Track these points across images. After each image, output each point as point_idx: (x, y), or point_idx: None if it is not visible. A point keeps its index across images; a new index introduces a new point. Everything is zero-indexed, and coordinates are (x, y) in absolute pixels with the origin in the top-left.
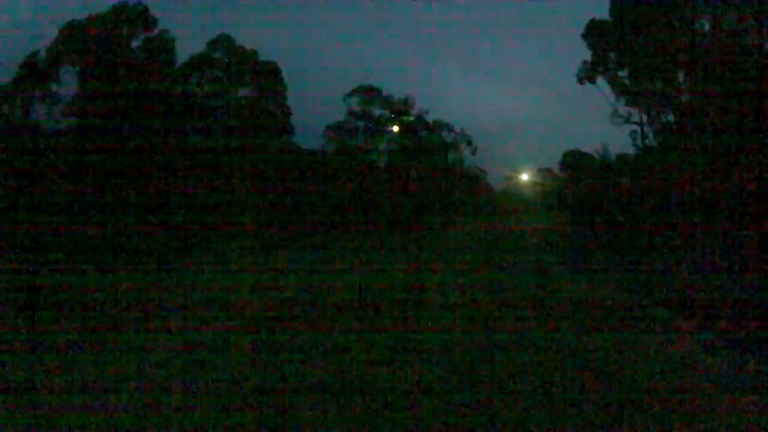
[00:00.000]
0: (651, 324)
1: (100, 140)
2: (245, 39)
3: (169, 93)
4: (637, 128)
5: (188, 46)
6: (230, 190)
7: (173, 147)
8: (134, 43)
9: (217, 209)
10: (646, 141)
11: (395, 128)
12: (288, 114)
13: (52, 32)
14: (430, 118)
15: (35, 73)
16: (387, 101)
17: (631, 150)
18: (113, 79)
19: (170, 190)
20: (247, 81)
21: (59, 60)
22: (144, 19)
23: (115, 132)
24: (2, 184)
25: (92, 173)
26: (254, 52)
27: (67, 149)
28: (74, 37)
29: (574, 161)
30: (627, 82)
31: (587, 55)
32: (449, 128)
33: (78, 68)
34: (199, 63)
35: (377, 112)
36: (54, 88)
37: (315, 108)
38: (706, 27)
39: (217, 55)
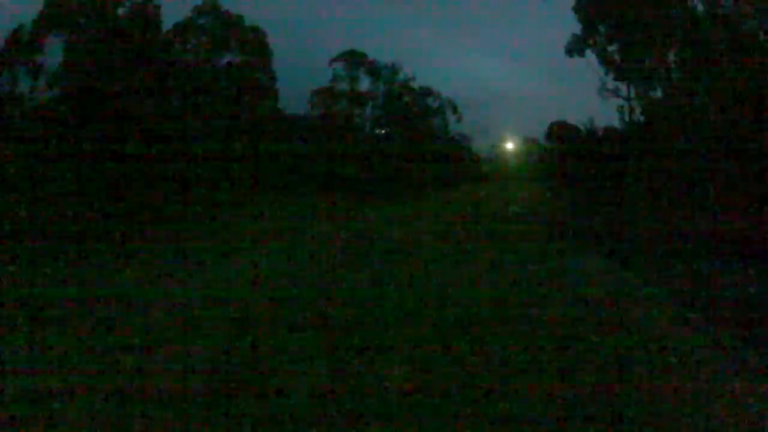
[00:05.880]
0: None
1: (84, 109)
2: (231, 4)
3: (153, 59)
4: (625, 103)
5: (174, 12)
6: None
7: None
8: (120, 11)
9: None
10: (633, 116)
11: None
12: (273, 79)
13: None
14: (416, 84)
15: (20, 45)
16: (373, 67)
17: (617, 124)
18: (99, 47)
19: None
20: (232, 47)
21: (45, 29)
22: None
23: (99, 100)
24: None
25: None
26: (240, 18)
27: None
28: (59, 5)
29: (560, 132)
30: (616, 56)
31: (578, 27)
32: (435, 95)
33: (64, 38)
34: (184, 29)
35: (363, 77)
36: (39, 60)
37: (300, 73)
38: (699, 7)
39: (202, 20)
